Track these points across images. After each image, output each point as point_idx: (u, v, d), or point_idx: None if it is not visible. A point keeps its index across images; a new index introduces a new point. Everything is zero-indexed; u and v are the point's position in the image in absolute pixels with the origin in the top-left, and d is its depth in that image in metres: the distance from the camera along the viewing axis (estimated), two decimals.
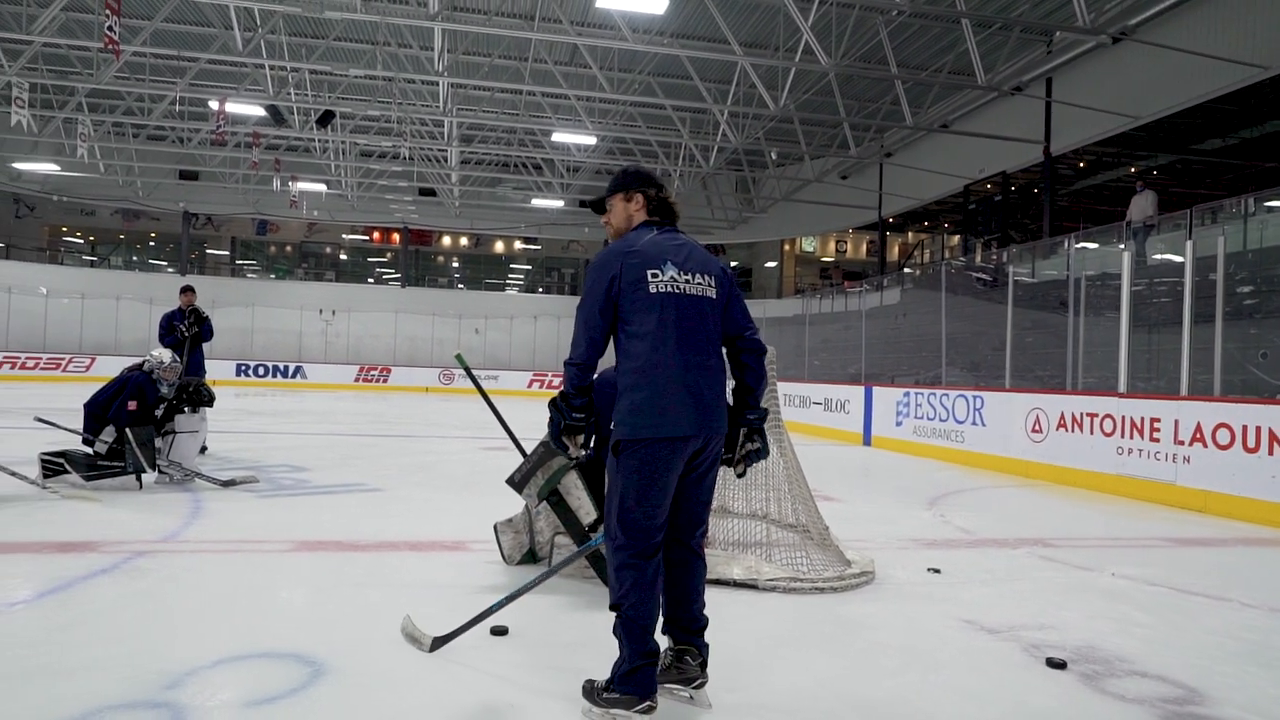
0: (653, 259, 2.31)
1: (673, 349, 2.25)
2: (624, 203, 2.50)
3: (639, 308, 2.27)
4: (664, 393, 2.23)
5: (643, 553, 2.24)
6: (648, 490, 2.23)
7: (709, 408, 2.28)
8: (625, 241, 2.38)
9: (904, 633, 3.16)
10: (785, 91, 15.99)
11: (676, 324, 2.27)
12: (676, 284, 2.30)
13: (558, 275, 37.15)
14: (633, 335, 2.28)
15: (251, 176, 26.45)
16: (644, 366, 2.25)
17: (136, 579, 3.47)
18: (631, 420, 2.24)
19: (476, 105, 21.65)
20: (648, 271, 2.29)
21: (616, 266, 2.30)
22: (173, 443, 5.99)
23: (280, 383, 26.79)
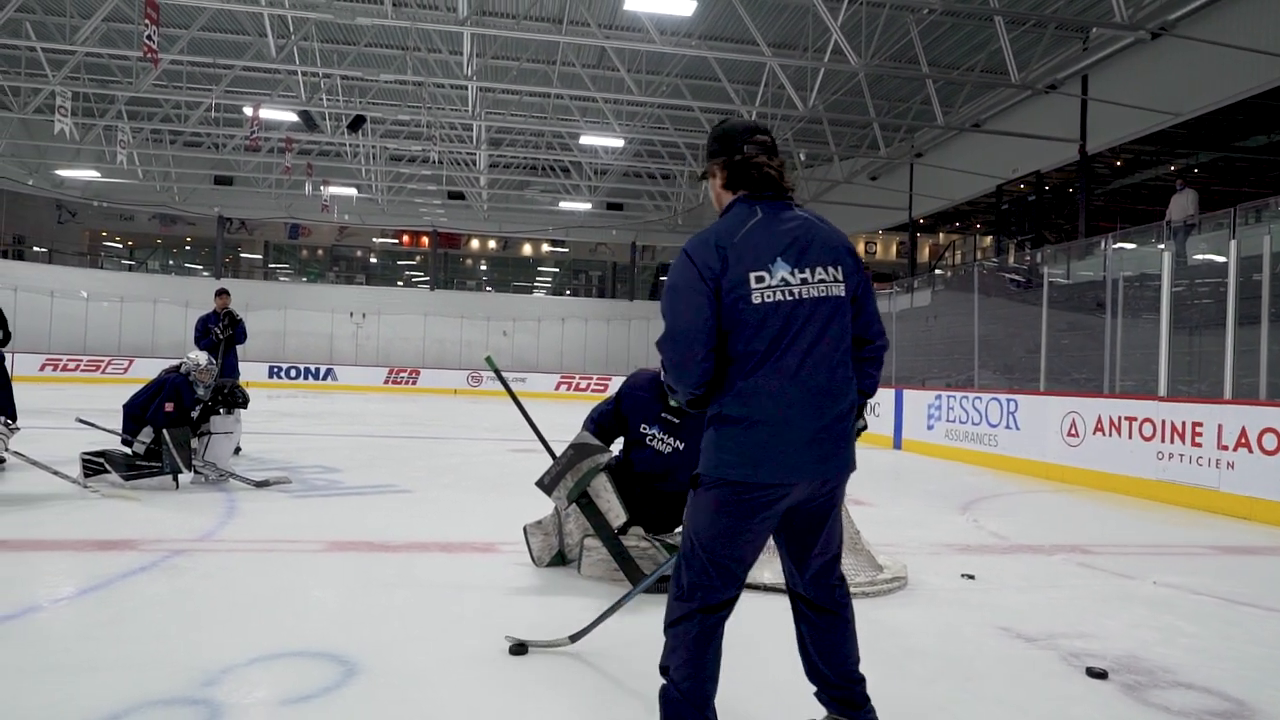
0: (755, 256, 1.79)
1: (788, 374, 1.77)
2: (712, 180, 2.00)
3: (738, 321, 1.78)
4: (770, 429, 1.76)
5: (705, 607, 1.88)
6: (726, 539, 1.83)
7: (831, 446, 1.81)
8: (715, 231, 1.86)
9: (939, 639, 3.11)
10: (814, 92, 15.88)
11: (792, 341, 1.78)
12: (790, 288, 1.79)
13: (585, 278, 37.26)
14: (731, 355, 1.81)
15: (284, 181, 26.87)
16: (744, 393, 1.78)
17: (174, 577, 3.53)
18: (720, 455, 1.81)
19: (505, 109, 21.80)
20: (750, 275, 1.78)
21: (712, 262, 1.79)
22: (208, 443, 6.09)
23: (311, 385, 27.15)
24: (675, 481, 3.84)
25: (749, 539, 1.85)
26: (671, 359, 1.86)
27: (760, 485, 1.78)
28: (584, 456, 3.65)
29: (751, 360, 1.78)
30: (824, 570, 2.00)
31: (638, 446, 3.84)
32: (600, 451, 3.70)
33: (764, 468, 1.77)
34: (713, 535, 1.84)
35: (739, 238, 1.81)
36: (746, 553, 1.87)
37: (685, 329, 1.80)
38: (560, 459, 3.68)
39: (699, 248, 1.83)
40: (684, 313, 1.81)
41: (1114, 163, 21.06)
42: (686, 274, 1.81)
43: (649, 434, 3.79)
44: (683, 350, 1.82)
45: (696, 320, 1.79)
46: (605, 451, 3.74)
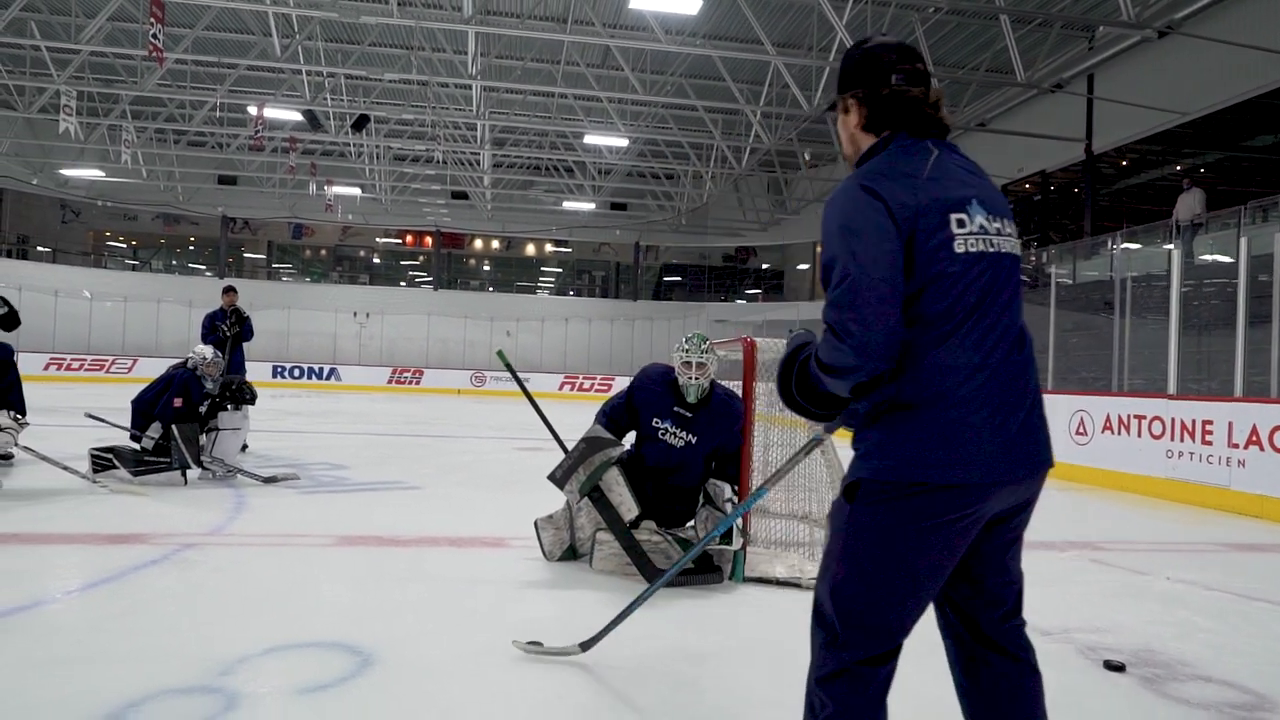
0: (951, 195, 1.40)
1: (992, 345, 1.37)
2: (843, 116, 1.58)
3: (937, 276, 1.36)
4: (965, 413, 1.35)
5: (871, 658, 1.43)
6: (907, 564, 1.39)
7: (1034, 432, 1.43)
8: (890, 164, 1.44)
9: None
10: (819, 91, 15.87)
11: (994, 303, 1.39)
12: (989, 238, 1.40)
13: (589, 278, 37.27)
14: (920, 320, 1.38)
15: (288, 181, 26.91)
16: (939, 369, 1.35)
17: (185, 570, 3.52)
18: (901, 451, 1.36)
19: (509, 108, 21.81)
20: (951, 217, 1.38)
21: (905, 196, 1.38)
22: (216, 439, 6.08)
23: (315, 384, 27.16)
24: (687, 476, 3.83)
25: (935, 561, 1.39)
26: (854, 324, 1.34)
27: (961, 488, 1.35)
28: (596, 450, 3.64)
29: (950, 325, 1.35)
30: (1015, 605, 1.55)
31: (649, 441, 3.82)
32: (612, 445, 3.69)
33: (969, 465, 1.34)
34: (888, 560, 1.38)
35: (927, 173, 1.40)
36: (930, 583, 1.42)
37: (875, 282, 1.33)
38: (572, 453, 3.67)
39: (883, 178, 1.40)
40: (872, 261, 1.33)
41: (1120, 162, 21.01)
42: (870, 211, 1.36)
43: (661, 428, 3.78)
44: (874, 310, 1.33)
45: (889, 271, 1.34)
46: (617, 445, 3.73)
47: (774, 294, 34.96)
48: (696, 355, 3.64)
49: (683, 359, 3.68)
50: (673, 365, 3.79)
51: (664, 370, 3.85)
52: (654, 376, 3.86)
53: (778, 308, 28.78)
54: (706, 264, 36.03)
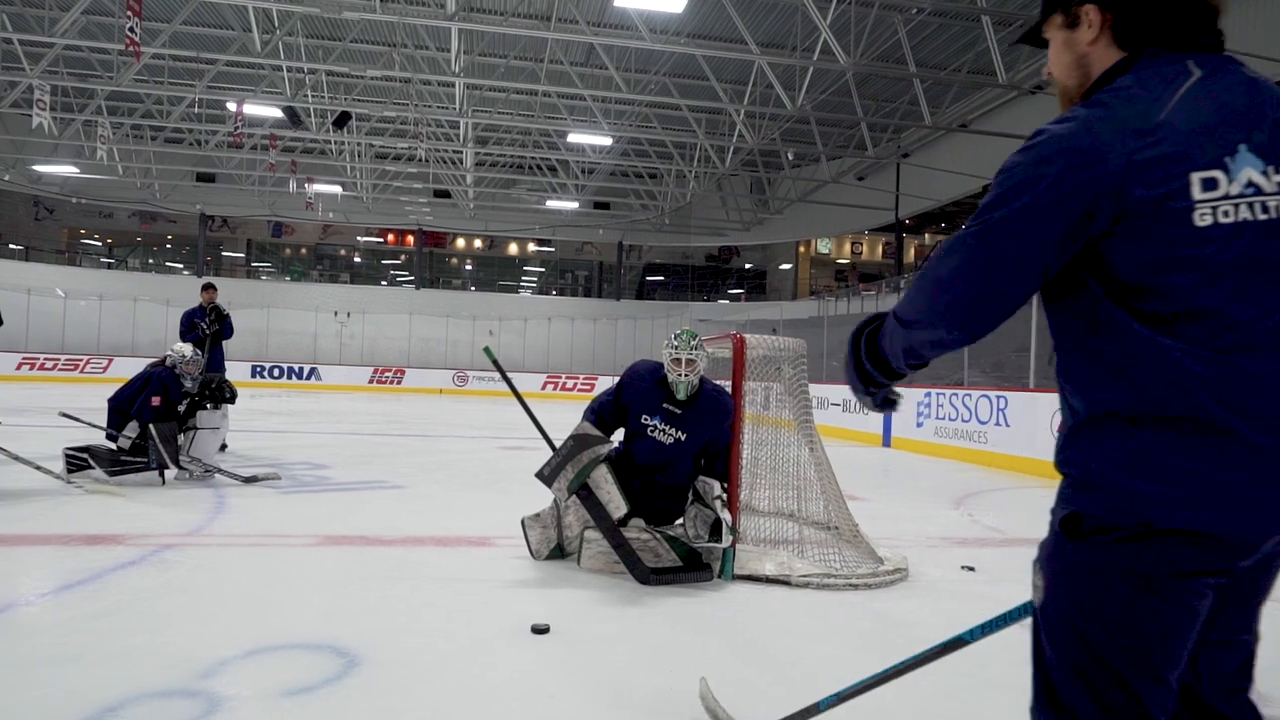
0: (1199, 145, 1.00)
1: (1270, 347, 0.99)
2: (1063, 32, 1.17)
3: (1175, 259, 1.00)
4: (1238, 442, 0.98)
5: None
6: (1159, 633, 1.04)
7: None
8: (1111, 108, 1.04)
9: (944, 629, 3.07)
10: (802, 91, 15.91)
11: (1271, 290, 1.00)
12: (1265, 201, 1.00)
13: (571, 277, 37.21)
14: (1161, 314, 1.02)
15: (267, 179, 26.62)
16: (1198, 380, 0.99)
17: (165, 571, 3.45)
18: (1152, 487, 1.01)
19: (492, 106, 21.69)
20: (1193, 177, 0.99)
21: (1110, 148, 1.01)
22: (194, 438, 5.98)
23: (295, 384, 26.90)
24: (675, 473, 3.81)
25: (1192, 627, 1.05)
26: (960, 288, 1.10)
27: (1232, 543, 1.00)
28: (584, 448, 3.60)
29: (1207, 323, 0.99)
30: (1246, 664, 1.16)
31: (639, 437, 3.80)
32: (600, 443, 3.66)
33: (1247, 512, 0.98)
34: (1137, 628, 1.04)
35: (1165, 114, 1.01)
36: (1182, 649, 1.06)
37: (1005, 256, 1.07)
38: (560, 450, 3.63)
39: (1084, 124, 1.04)
40: (1013, 227, 1.06)
41: None
42: (1042, 165, 1.04)
43: (650, 424, 3.75)
44: (988, 284, 1.08)
45: (1030, 246, 1.05)
46: (606, 443, 3.70)
47: (757, 294, 35.09)
48: (686, 351, 3.61)
49: (672, 355, 3.65)
50: (661, 362, 3.77)
51: (653, 367, 3.83)
52: (643, 373, 3.83)
53: (761, 307, 28.88)
54: (689, 263, 36.10)
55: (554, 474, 3.60)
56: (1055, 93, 1.24)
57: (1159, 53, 1.08)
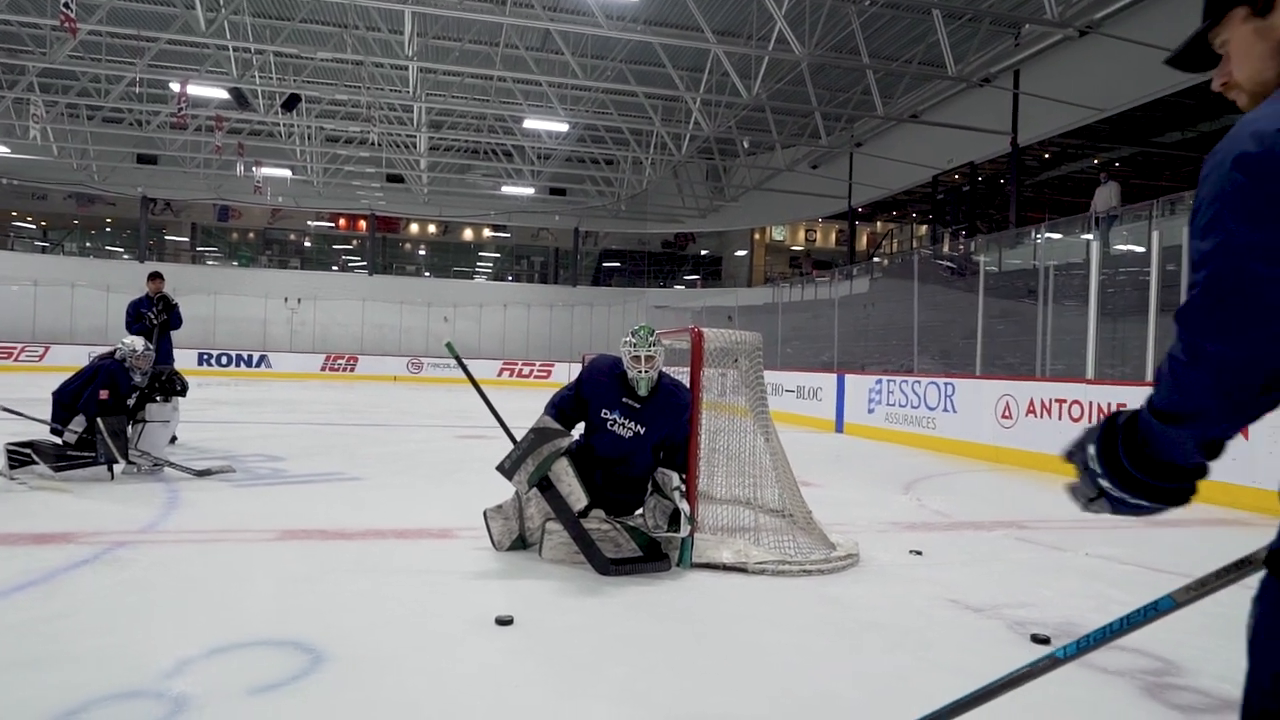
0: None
1: None
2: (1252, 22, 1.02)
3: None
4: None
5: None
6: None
7: None
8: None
9: (892, 613, 3.23)
10: (758, 80, 16.03)
11: None
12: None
13: (527, 263, 36.94)
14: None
15: (213, 161, 25.87)
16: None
17: (120, 569, 3.41)
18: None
19: (446, 90, 21.39)
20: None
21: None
22: (142, 431, 5.86)
23: (245, 372, 26.32)
24: (635, 465, 3.88)
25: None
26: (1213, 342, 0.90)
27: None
28: (545, 441, 3.65)
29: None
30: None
31: (599, 431, 3.86)
32: (561, 436, 3.71)
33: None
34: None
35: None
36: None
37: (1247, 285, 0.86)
38: (521, 443, 3.67)
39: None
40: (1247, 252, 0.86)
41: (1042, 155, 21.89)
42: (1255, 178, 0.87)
43: (609, 419, 3.81)
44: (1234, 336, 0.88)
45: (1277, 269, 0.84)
46: (566, 436, 3.76)
47: (712, 280, 35.30)
48: (645, 349, 3.67)
49: (631, 353, 3.71)
50: (620, 357, 3.82)
51: (612, 362, 3.88)
52: (602, 369, 3.89)
53: (717, 294, 29.08)
54: (646, 250, 36.12)
55: (514, 467, 3.64)
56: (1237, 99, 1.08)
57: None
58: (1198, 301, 0.91)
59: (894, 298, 15.50)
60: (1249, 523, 5.58)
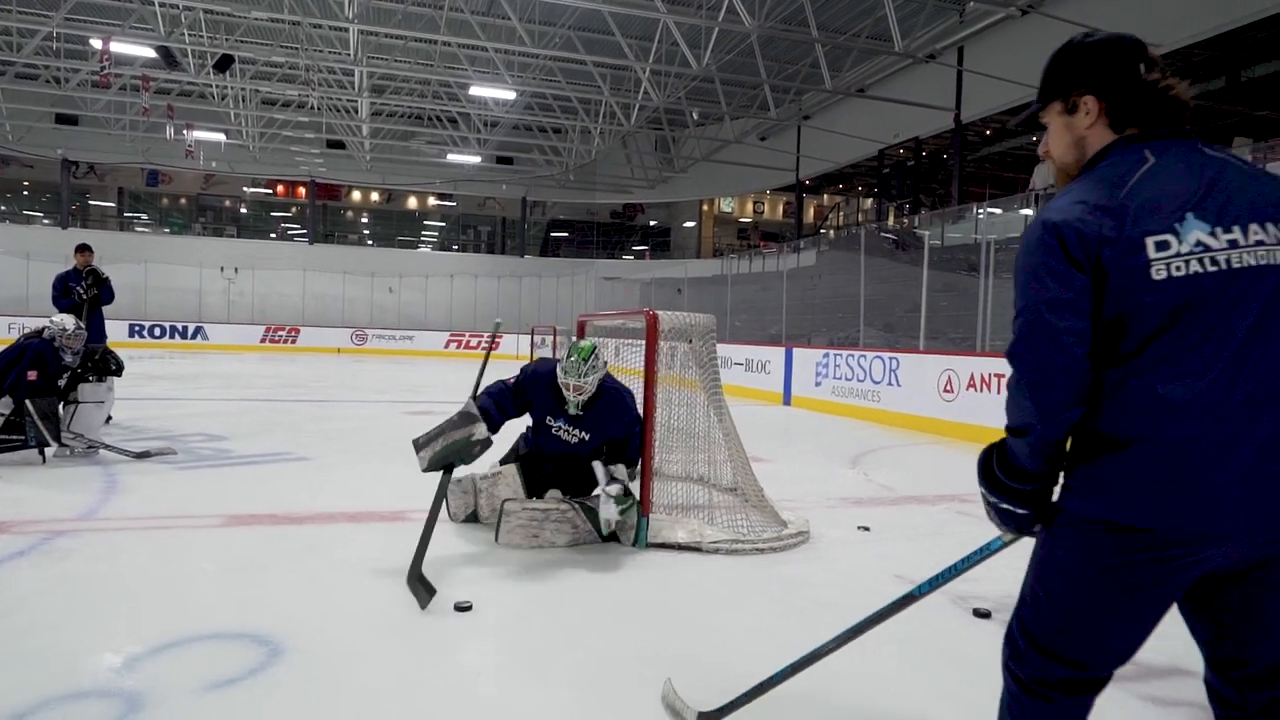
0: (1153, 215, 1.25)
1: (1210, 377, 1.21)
2: (1063, 117, 1.42)
3: (1135, 309, 1.24)
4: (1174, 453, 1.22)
5: (1051, 682, 1.40)
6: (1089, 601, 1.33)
7: None
8: (1086, 189, 1.31)
9: (842, 590, 3.34)
10: (708, 51, 15.94)
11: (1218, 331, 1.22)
12: (1212, 255, 1.23)
13: (474, 233, 36.37)
14: (1123, 354, 1.27)
15: (140, 123, 24.64)
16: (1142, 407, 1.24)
17: (58, 561, 3.30)
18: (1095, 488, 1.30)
19: (389, 54, 20.73)
20: (1148, 240, 1.24)
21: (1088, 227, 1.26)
22: (75, 413, 5.64)
23: (179, 344, 25.44)
24: (584, 458, 3.88)
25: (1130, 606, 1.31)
26: (1028, 376, 1.30)
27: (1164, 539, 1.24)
28: (462, 427, 3.60)
29: (1157, 360, 1.23)
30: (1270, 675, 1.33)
31: (545, 434, 3.85)
32: (477, 424, 3.62)
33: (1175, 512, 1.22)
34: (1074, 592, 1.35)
35: (1125, 192, 1.27)
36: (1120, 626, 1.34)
37: (1046, 331, 1.27)
38: (444, 423, 3.62)
39: (1066, 210, 1.28)
40: (1044, 307, 1.27)
41: (984, 131, 22.33)
42: (1044, 250, 1.28)
43: (553, 425, 3.80)
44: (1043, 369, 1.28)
45: (1063, 318, 1.26)
46: (481, 424, 3.64)
47: (661, 251, 35.30)
48: (575, 378, 3.60)
49: (561, 379, 3.65)
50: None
51: (551, 369, 3.78)
52: (541, 375, 3.79)
53: (665, 265, 29.10)
54: (594, 220, 35.89)
55: (426, 444, 3.60)
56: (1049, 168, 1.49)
57: (1125, 144, 1.34)
58: (1014, 343, 1.32)
59: (840, 271, 15.72)
60: None
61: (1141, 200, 1.26)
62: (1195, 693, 2.41)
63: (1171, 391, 1.21)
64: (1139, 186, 1.27)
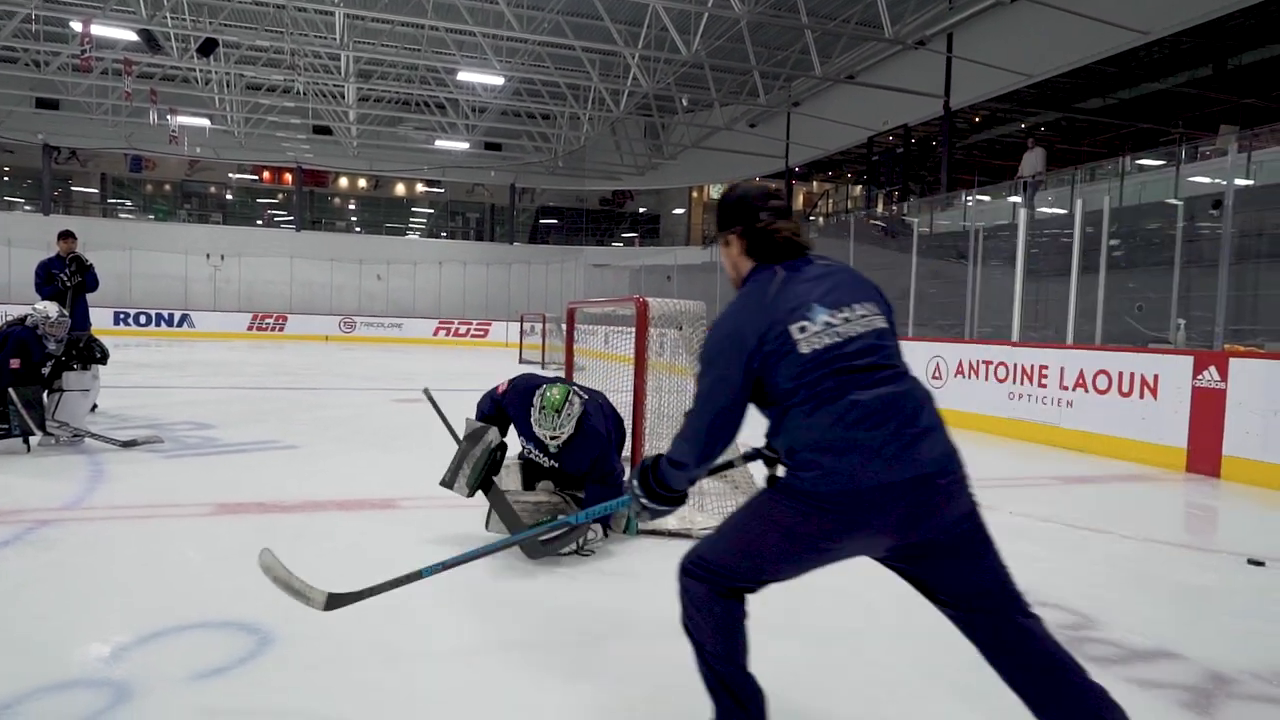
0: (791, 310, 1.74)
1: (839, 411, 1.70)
2: (725, 249, 1.95)
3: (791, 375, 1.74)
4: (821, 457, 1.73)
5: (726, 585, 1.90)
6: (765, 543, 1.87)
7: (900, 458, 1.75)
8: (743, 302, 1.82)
9: (833, 575, 3.31)
10: (697, 36, 15.86)
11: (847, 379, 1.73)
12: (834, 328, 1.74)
13: (462, 220, 36.17)
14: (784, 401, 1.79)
15: (123, 108, 24.31)
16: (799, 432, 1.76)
17: (45, 550, 3.28)
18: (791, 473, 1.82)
19: (375, 39, 20.50)
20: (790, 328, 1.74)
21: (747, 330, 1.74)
22: (59, 401, 5.58)
23: (165, 332, 25.24)
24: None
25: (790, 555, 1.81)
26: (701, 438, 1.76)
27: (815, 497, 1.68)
28: (474, 444, 3.59)
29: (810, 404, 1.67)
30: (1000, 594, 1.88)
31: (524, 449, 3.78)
32: (487, 431, 3.59)
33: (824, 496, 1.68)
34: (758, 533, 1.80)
35: (769, 300, 1.75)
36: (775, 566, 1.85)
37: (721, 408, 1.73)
38: (457, 454, 3.60)
39: (738, 313, 1.77)
40: (718, 390, 1.74)
41: (973, 119, 22.34)
42: (725, 346, 1.74)
43: (527, 449, 3.73)
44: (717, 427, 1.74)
45: (735, 395, 1.72)
46: (492, 429, 3.61)
47: (650, 238, 35.21)
48: (550, 430, 3.46)
49: (538, 431, 3.51)
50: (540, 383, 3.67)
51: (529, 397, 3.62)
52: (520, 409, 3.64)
53: (655, 252, 29.05)
54: (583, 207, 35.75)
55: (453, 478, 3.57)
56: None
57: (763, 266, 1.84)
58: (699, 409, 1.75)
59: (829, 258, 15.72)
60: (1155, 478, 5.96)
61: (783, 303, 1.72)
62: (1181, 675, 2.46)
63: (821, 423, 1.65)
64: (779, 294, 1.75)
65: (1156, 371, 6.42)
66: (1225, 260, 6.62)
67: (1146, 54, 16.82)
